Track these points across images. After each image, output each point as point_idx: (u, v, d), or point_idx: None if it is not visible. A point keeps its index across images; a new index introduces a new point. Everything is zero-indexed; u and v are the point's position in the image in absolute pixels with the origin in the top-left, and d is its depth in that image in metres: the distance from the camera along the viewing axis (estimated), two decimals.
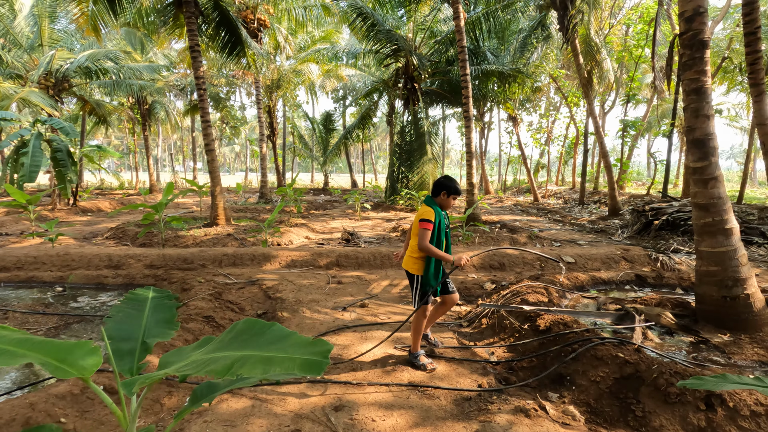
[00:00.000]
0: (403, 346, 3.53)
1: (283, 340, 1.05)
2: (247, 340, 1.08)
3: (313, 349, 0.98)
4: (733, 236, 3.92)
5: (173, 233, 8.90)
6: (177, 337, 3.18)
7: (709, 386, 1.77)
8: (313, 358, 0.95)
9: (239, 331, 1.13)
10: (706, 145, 3.94)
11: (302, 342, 1.03)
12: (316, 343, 1.01)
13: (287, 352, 0.99)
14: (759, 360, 3.36)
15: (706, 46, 3.91)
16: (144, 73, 17.59)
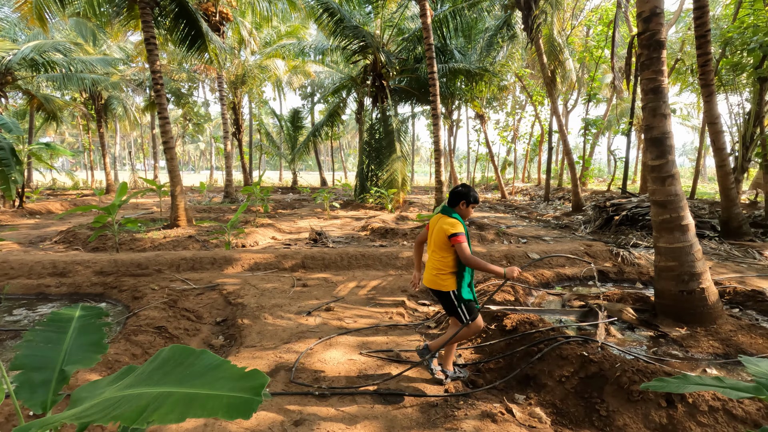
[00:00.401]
0: (368, 351, 3.42)
1: (212, 371, 0.91)
2: (169, 373, 0.93)
3: (243, 384, 0.85)
4: (689, 232, 4.03)
5: (129, 236, 8.43)
6: (122, 352, 2.94)
7: (671, 388, 1.75)
8: (242, 395, 0.81)
9: (162, 361, 0.98)
10: (664, 143, 4.03)
11: (233, 374, 0.90)
12: (248, 377, 0.88)
13: (214, 387, 0.85)
14: (714, 352, 3.47)
15: (663, 46, 4.00)
16: (97, 66, 16.63)
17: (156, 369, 0.96)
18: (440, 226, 2.88)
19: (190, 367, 0.93)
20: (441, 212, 2.99)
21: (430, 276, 2.93)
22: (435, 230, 2.93)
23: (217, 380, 0.88)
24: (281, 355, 3.29)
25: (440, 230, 2.87)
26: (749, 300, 4.74)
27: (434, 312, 4.49)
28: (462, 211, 2.97)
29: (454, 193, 2.99)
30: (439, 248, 2.89)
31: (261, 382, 0.86)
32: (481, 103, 21.45)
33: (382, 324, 4.04)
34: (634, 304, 4.45)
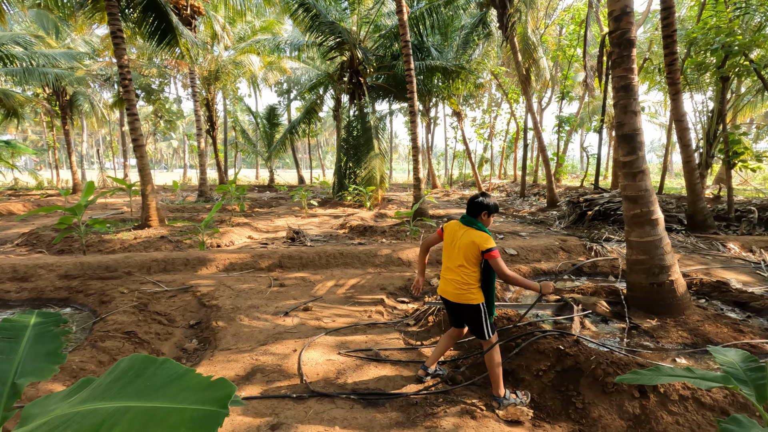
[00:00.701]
0: (347, 351, 3.38)
1: (175, 382, 0.85)
2: (128, 385, 0.87)
3: (209, 395, 0.80)
4: (658, 226, 4.15)
5: (97, 238, 8.10)
6: (88, 360, 2.80)
7: (644, 380, 1.78)
8: (207, 408, 0.76)
9: (121, 372, 0.92)
10: (634, 140, 4.13)
11: (198, 385, 0.84)
12: (214, 386, 0.82)
13: (176, 400, 0.80)
14: (683, 342, 3.58)
15: (633, 45, 4.09)
16: (61, 60, 15.91)
17: (114, 381, 0.90)
18: (470, 239, 2.69)
19: (151, 378, 0.87)
20: (462, 223, 2.82)
21: (454, 290, 2.74)
22: (462, 243, 2.73)
23: (180, 392, 0.82)
24: (258, 358, 3.21)
25: (470, 244, 2.69)
26: (715, 291, 4.93)
27: (413, 309, 4.48)
28: (485, 222, 2.82)
29: (476, 203, 2.80)
30: (468, 262, 2.71)
31: (227, 392, 0.80)
32: (458, 101, 21.63)
33: (361, 323, 4.00)
34: (608, 297, 4.56)
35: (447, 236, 2.88)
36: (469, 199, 2.88)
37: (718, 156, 11.70)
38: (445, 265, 2.87)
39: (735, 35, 9.26)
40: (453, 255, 2.80)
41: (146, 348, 3.23)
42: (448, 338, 3.03)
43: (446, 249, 2.88)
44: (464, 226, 2.80)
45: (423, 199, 10.10)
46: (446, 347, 3.03)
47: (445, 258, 2.88)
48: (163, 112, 25.32)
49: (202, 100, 20.60)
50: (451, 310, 2.94)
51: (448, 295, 2.81)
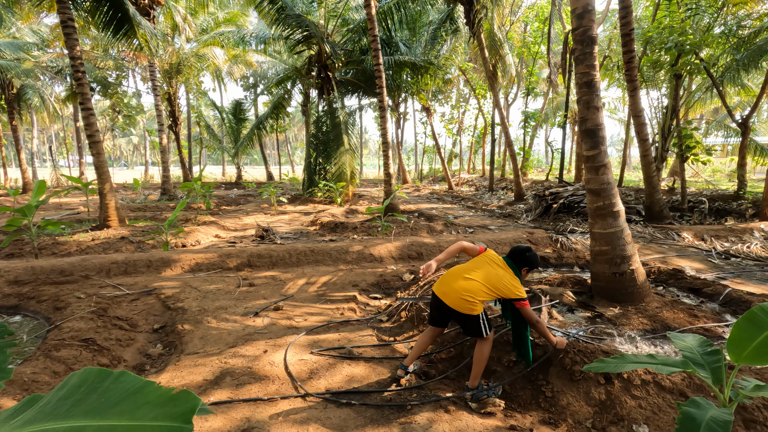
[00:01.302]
0: (319, 350, 3.33)
1: (133, 397, 0.79)
2: (80, 402, 0.80)
3: (170, 410, 0.74)
4: (620, 218, 4.31)
5: (51, 240, 7.65)
6: (41, 371, 2.62)
7: (610, 368, 1.84)
8: (168, 424, 0.71)
9: (72, 388, 0.84)
10: (597, 134, 4.26)
11: (158, 399, 0.78)
12: (176, 400, 0.77)
13: (135, 416, 0.74)
14: (643, 329, 3.74)
15: (595, 42, 4.21)
16: (5, 51, 14.86)
17: (64, 398, 0.82)
18: (511, 282, 2.73)
19: (106, 394, 0.81)
20: (507, 262, 2.86)
21: (458, 299, 2.69)
22: (501, 276, 2.74)
23: (138, 407, 0.76)
24: (227, 361, 3.12)
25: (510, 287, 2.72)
26: (671, 278, 5.20)
27: (386, 305, 4.48)
28: (523, 275, 2.90)
29: (525, 258, 2.89)
30: (493, 287, 2.71)
31: (191, 405, 0.75)
32: (427, 96, 21.75)
33: (334, 321, 3.96)
34: (573, 287, 4.71)
35: (486, 258, 2.88)
36: (520, 250, 2.92)
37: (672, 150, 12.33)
38: (465, 274, 2.77)
39: (687, 35, 9.73)
40: (481, 274, 2.75)
41: (106, 356, 3.06)
42: (428, 338, 2.95)
43: (478, 264, 2.83)
44: (506, 266, 2.83)
45: (394, 194, 10.12)
46: (426, 346, 2.97)
47: (470, 269, 2.80)
48: (122, 107, 24.12)
49: (164, 95, 19.77)
50: (439, 310, 2.83)
51: (448, 298, 2.72)
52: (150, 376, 3.02)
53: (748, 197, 10.58)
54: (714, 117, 32.26)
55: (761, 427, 2.25)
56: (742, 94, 18.79)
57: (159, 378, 2.92)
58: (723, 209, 10.77)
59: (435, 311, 2.89)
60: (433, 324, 2.95)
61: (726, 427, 1.48)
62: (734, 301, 4.33)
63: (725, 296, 4.43)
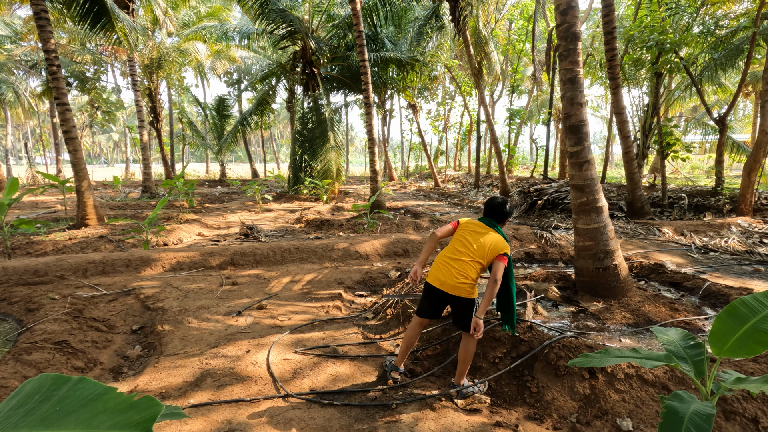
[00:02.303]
0: (304, 349, 3.27)
1: (91, 404, 0.73)
2: (33, 411, 0.73)
3: (131, 417, 0.69)
4: (603, 213, 4.35)
5: (25, 239, 7.40)
6: (11, 376, 2.51)
7: (595, 363, 1.83)
8: None
9: (26, 397, 0.78)
10: (580, 131, 4.29)
11: (118, 406, 0.73)
12: (137, 406, 0.72)
13: (91, 425, 0.68)
14: (626, 323, 3.78)
15: (578, 38, 4.22)
16: None
17: (16, 407, 0.76)
18: (494, 242, 2.69)
19: (62, 402, 0.75)
20: (485, 223, 2.80)
21: (456, 282, 2.67)
22: (485, 242, 2.70)
23: (95, 416, 0.70)
24: (208, 361, 3.04)
25: (495, 246, 2.68)
26: (652, 273, 5.28)
27: (371, 303, 4.44)
28: (504, 228, 2.87)
29: (504, 211, 2.84)
30: (484, 260, 2.68)
31: (152, 412, 0.70)
32: (413, 93, 21.73)
33: (319, 319, 3.90)
34: (558, 282, 4.74)
35: (463, 230, 2.83)
36: (494, 204, 2.86)
37: (653, 147, 12.57)
38: (452, 256, 2.75)
39: (667, 34, 9.89)
40: (469, 249, 2.71)
41: (81, 358, 2.95)
42: (416, 332, 2.89)
43: (459, 241, 2.79)
44: (487, 227, 2.78)
45: (380, 191, 10.07)
46: (414, 340, 2.91)
47: (455, 250, 2.77)
48: (100, 103, 23.50)
49: (144, 90, 19.31)
50: (435, 300, 2.79)
51: (446, 286, 2.69)
52: (128, 378, 2.92)
53: (726, 193, 10.84)
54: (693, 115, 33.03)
55: (740, 419, 2.28)
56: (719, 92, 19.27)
57: (137, 380, 2.82)
58: (702, 205, 11.01)
59: (429, 302, 2.83)
60: (424, 316, 2.86)
61: (708, 420, 1.48)
62: (713, 294, 4.42)
63: (705, 290, 4.51)
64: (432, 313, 2.85)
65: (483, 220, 2.84)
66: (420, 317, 2.88)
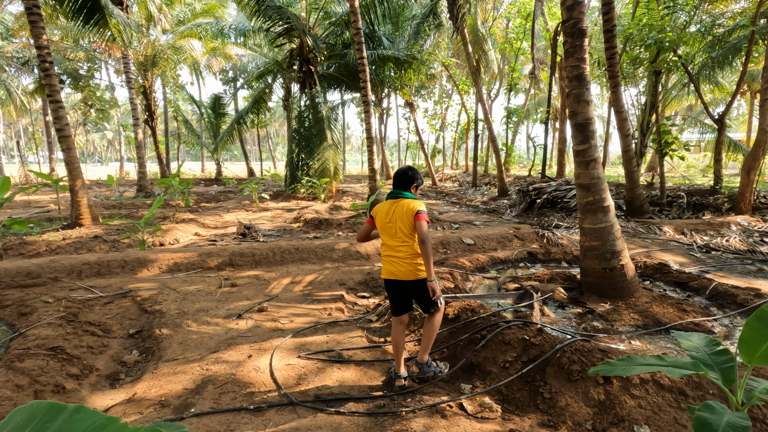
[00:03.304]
0: (307, 353, 3.18)
1: None
2: None
3: None
4: (610, 213, 4.28)
5: (18, 240, 7.24)
6: (2, 385, 2.39)
7: (619, 372, 1.75)
8: None
9: (16, 429, 0.69)
10: (587, 128, 4.21)
11: None
12: None
13: None
14: (635, 324, 3.72)
15: (585, 35, 4.14)
16: None
17: None
18: (405, 207, 2.71)
19: None
20: (393, 198, 2.81)
21: (406, 268, 2.71)
22: (399, 215, 2.72)
23: None
24: (208, 367, 2.93)
25: (407, 211, 2.69)
26: (657, 272, 5.22)
27: (374, 304, 4.35)
28: (414, 194, 2.86)
29: (408, 176, 2.83)
30: (406, 229, 2.71)
31: None
32: (410, 92, 21.62)
33: (321, 322, 3.81)
34: (563, 283, 4.67)
35: (380, 219, 2.83)
36: (397, 174, 2.86)
37: (651, 145, 12.56)
38: (388, 245, 2.79)
39: (666, 32, 9.85)
40: (395, 231, 2.75)
41: (76, 365, 2.84)
42: (400, 333, 2.85)
43: (384, 229, 2.81)
44: (395, 201, 2.79)
45: (379, 190, 9.97)
46: (402, 344, 2.84)
47: (387, 238, 2.80)
48: (94, 101, 23.21)
49: (139, 88, 19.08)
50: (398, 293, 2.82)
51: (400, 274, 2.72)
52: (125, 385, 2.82)
53: (725, 192, 10.83)
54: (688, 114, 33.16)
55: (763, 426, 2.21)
56: (716, 91, 19.31)
57: (135, 388, 2.72)
58: (700, 204, 11.00)
59: (394, 296, 2.85)
60: (399, 313, 2.87)
61: None
62: (720, 294, 4.36)
63: (711, 290, 4.46)
64: (402, 306, 2.87)
65: (391, 195, 2.84)
66: (396, 316, 2.89)
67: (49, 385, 2.51)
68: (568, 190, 11.73)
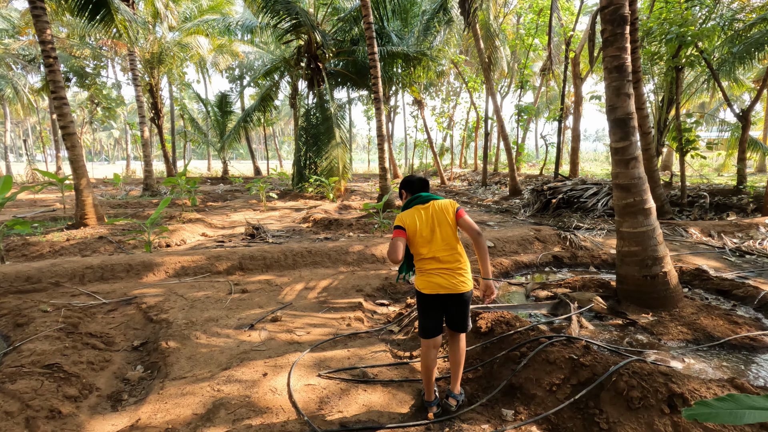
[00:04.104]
0: (328, 371, 2.88)
1: None
2: None
3: None
4: (651, 215, 3.95)
5: (22, 240, 7.02)
6: None
7: (724, 418, 1.43)
8: None
9: None
10: (628, 124, 3.88)
11: None
12: None
13: None
14: (684, 339, 3.39)
15: (627, 22, 3.81)
16: None
17: None
18: (444, 205, 2.46)
19: None
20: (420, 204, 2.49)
21: (460, 278, 2.38)
22: (438, 222, 2.41)
23: None
24: (220, 388, 2.65)
25: (447, 207, 2.46)
26: (695, 279, 4.88)
27: (395, 313, 4.05)
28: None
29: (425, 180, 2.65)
30: (455, 237, 2.44)
31: None
32: (419, 89, 21.27)
33: (340, 334, 3.51)
34: (597, 290, 4.35)
35: (418, 229, 2.42)
36: (417, 180, 2.62)
37: (668, 143, 12.14)
38: (435, 257, 2.39)
39: (688, 26, 9.46)
40: (438, 238, 2.41)
41: (74, 384, 2.57)
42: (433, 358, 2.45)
43: (424, 240, 2.41)
44: (425, 206, 2.48)
45: (391, 190, 9.67)
46: (434, 368, 2.47)
47: (426, 249, 2.41)
48: (101, 99, 23.08)
49: (145, 86, 18.90)
50: (441, 309, 2.43)
51: (452, 286, 2.36)
52: (128, 408, 2.54)
53: (750, 192, 10.41)
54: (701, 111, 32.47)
55: None
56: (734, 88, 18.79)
57: (138, 412, 2.44)
58: (723, 204, 10.59)
59: (436, 314, 2.44)
60: (436, 334, 2.45)
61: None
62: None
63: (760, 300, 4.11)
64: (439, 325, 2.49)
65: (417, 201, 2.52)
66: (430, 338, 2.46)
67: (42, 410, 2.23)
68: (584, 190, 11.36)
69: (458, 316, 2.46)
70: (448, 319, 2.49)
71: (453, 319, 2.47)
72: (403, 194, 2.66)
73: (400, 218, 2.46)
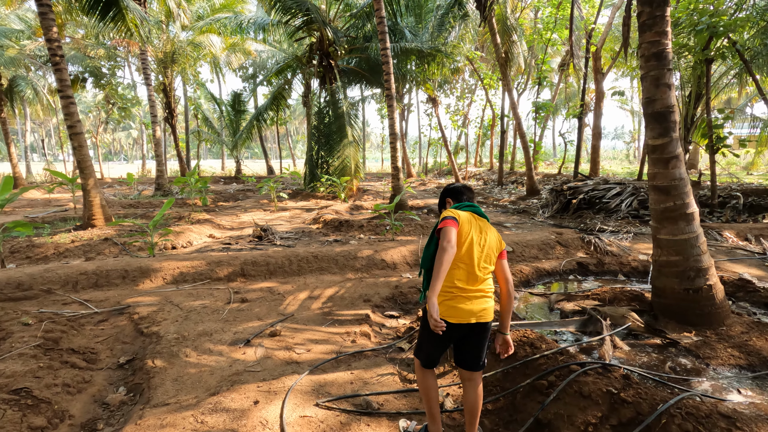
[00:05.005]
0: (327, 400, 2.55)
1: None
2: None
3: None
4: (694, 221, 3.51)
5: (27, 242, 6.90)
6: None
7: None
8: None
9: None
10: (667, 119, 3.45)
11: None
12: None
13: None
14: (736, 363, 2.95)
15: (667, 3, 3.38)
16: None
17: None
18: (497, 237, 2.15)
19: None
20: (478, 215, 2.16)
21: (489, 306, 2.03)
22: (490, 241, 2.08)
23: None
24: (204, 419, 2.34)
25: (500, 242, 2.14)
26: (739, 290, 4.40)
27: (405, 327, 3.70)
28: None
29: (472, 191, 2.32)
30: (491, 264, 2.09)
31: None
32: (433, 86, 20.81)
33: (344, 352, 3.18)
34: (630, 303, 3.92)
35: (467, 229, 2.02)
36: (462, 188, 2.28)
37: (694, 141, 11.48)
38: (474, 276, 1.99)
39: (719, 16, 8.85)
40: (482, 259, 2.03)
41: (44, 412, 2.29)
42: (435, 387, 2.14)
43: (470, 252, 1.99)
44: (481, 218, 2.15)
45: (404, 191, 9.31)
46: (437, 399, 2.15)
47: (467, 263, 1.99)
48: (116, 99, 23.26)
49: (158, 85, 18.92)
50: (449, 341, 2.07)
51: (483, 314, 1.99)
52: None
53: None
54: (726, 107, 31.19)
55: None
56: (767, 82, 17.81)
57: None
58: (758, 205, 9.94)
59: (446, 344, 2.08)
60: (436, 364, 2.15)
61: None
62: None
63: None
64: (440, 357, 2.15)
65: (475, 209, 2.17)
66: (430, 368, 2.13)
67: None
68: (607, 190, 10.81)
69: (477, 350, 2.07)
70: (463, 353, 2.09)
71: (471, 353, 2.07)
72: (448, 202, 2.29)
73: (455, 212, 2.05)
